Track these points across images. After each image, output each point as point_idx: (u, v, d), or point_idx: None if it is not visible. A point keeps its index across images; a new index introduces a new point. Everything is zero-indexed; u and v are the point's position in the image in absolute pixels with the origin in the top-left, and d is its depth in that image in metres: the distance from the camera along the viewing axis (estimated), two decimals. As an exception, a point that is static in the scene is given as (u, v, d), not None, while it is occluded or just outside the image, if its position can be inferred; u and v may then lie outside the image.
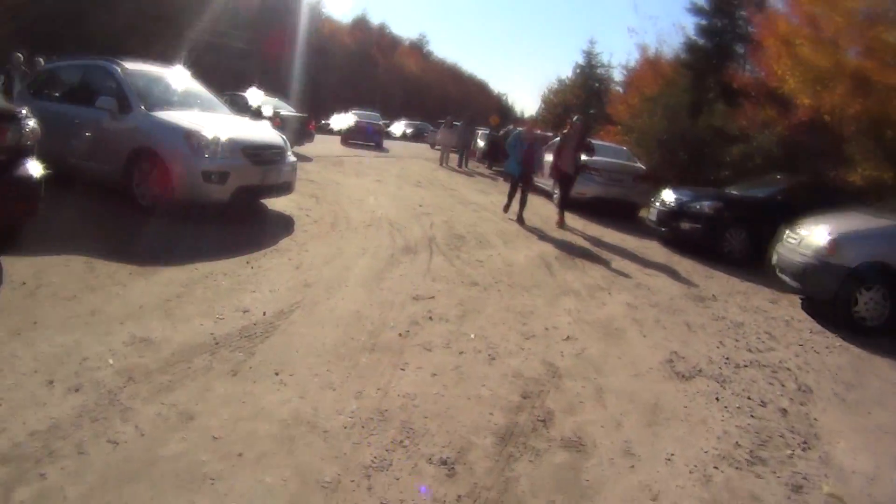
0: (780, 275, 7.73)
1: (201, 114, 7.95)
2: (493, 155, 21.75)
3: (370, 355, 4.11)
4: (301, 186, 10.36)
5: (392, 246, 7.33)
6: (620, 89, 29.22)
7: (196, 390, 3.36)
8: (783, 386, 4.77)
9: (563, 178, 11.37)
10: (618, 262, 8.52)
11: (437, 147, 28.78)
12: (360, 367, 3.92)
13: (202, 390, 3.37)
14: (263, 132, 8.23)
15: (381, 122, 29.36)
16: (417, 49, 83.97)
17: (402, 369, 3.98)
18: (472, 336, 4.74)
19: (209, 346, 3.90)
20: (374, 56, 69.42)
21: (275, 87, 41.14)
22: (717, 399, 4.32)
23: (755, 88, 15.67)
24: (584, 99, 31.95)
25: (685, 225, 10.35)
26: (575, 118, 12.20)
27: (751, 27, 17.95)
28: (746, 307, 7.20)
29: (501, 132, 22.21)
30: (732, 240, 10.09)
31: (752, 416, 4.12)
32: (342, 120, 29.10)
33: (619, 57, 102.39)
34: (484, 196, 13.57)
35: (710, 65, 18.06)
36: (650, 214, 11.24)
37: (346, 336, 4.37)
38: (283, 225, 7.66)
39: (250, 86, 18.61)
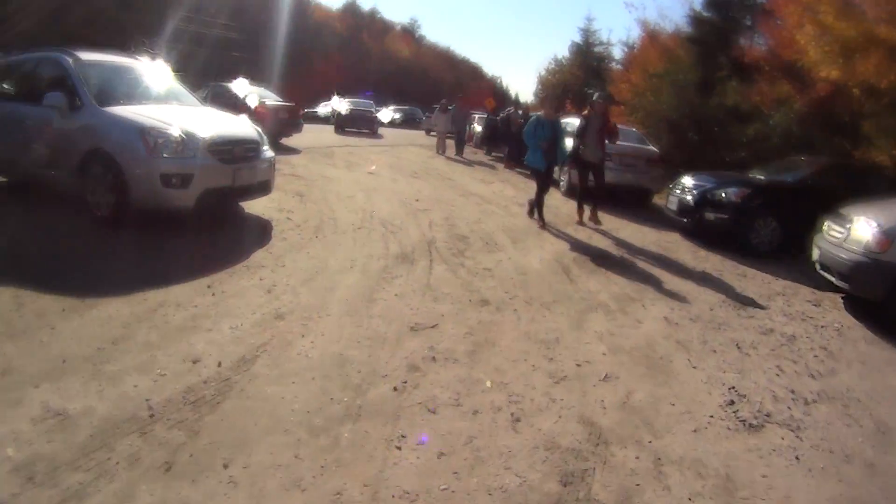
0: (822, 272, 6.84)
1: (164, 107, 6.93)
2: (492, 140, 20.57)
3: (355, 426, 3.08)
4: (285, 183, 9.33)
5: (385, 254, 6.28)
6: (620, 67, 28.14)
7: (112, 500, 2.33)
8: (860, 426, 3.86)
9: (587, 167, 9.73)
10: (642, 263, 7.47)
11: (432, 133, 27.77)
12: (341, 448, 2.89)
13: (120, 500, 2.35)
14: (235, 126, 7.13)
15: (373, 110, 28.13)
16: (409, 34, 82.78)
17: (399, 447, 2.95)
18: (488, 384, 3.70)
19: (141, 422, 2.91)
20: (366, 41, 68.06)
21: (264, 75, 40.93)
22: (796, 458, 3.36)
23: (768, 62, 14.52)
24: (582, 78, 30.66)
25: (710, 215, 9.32)
26: (595, 96, 10.43)
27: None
28: (791, 313, 6.23)
29: (500, 115, 21.02)
30: (761, 230, 9.12)
31: (839, 479, 3.22)
32: (334, 106, 28.09)
33: (618, 33, 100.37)
34: (485, 186, 12.48)
35: (717, 39, 16.89)
36: (669, 203, 10.16)
37: (323, 395, 3.33)
38: (260, 232, 6.60)
39: (237, 75, 17.58)
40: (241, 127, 7.16)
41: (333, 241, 6.56)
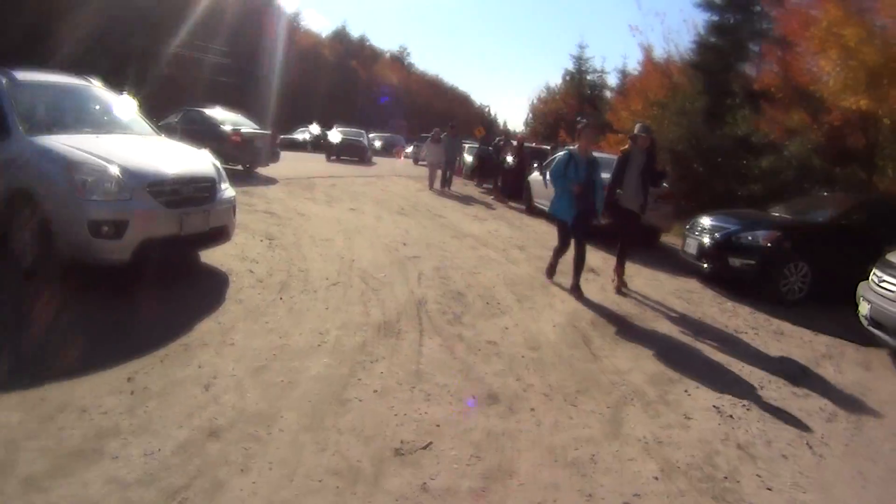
0: (874, 330, 5.90)
1: (107, 138, 5.84)
2: (482, 171, 19.46)
3: None
4: (255, 221, 8.18)
5: (365, 322, 5.07)
6: (614, 95, 27.40)
7: None
8: None
9: (625, 217, 7.78)
10: (668, 324, 6.34)
11: (421, 163, 26.73)
12: None
13: None
14: (187, 161, 5.93)
15: (363, 139, 27.13)
16: (398, 61, 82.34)
17: None
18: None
19: None
20: (354, 69, 67.38)
21: (251, 101, 40.26)
22: None
23: (780, 90, 13.55)
24: (575, 107, 29.80)
25: (735, 261, 8.25)
26: (637, 127, 8.09)
27: (766, 23, 15.95)
28: (846, 384, 5.25)
29: (492, 144, 19.96)
30: (791, 277, 8.07)
31: None
32: (312, 132, 27.34)
33: (613, 61, 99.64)
34: (479, 224, 11.32)
35: (724, 65, 15.97)
36: (687, 247, 9.05)
37: None
38: (212, 292, 5.37)
39: (220, 100, 16.55)
40: (195, 162, 5.97)
41: (301, 303, 5.34)
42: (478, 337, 5.04)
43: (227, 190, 6.04)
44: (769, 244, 8.09)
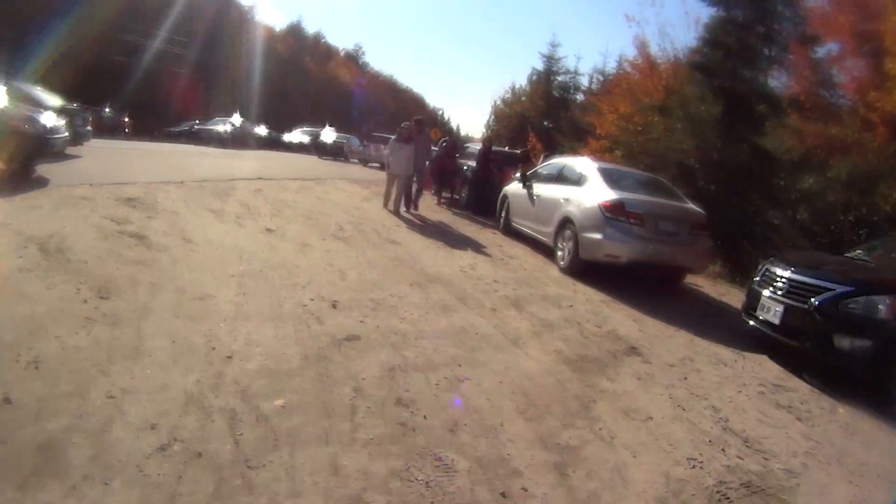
0: None
1: None
2: (441, 178, 15.77)
3: None
4: (105, 255, 4.70)
5: None
6: (588, 97, 24.44)
7: None
8: None
9: None
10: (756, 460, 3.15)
11: (371, 164, 23.28)
12: None
13: None
14: None
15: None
16: (353, 60, 78.29)
17: None
18: None
19: None
20: (307, 65, 63.16)
21: (202, 90, 36.80)
22: None
23: (811, 99, 10.65)
24: (544, 109, 26.64)
25: (845, 341, 5.20)
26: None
27: (787, 22, 13.12)
28: None
29: (437, 142, 16.46)
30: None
31: None
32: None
33: (587, 62, 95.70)
34: (448, 257, 7.97)
35: (733, 67, 13.03)
36: (762, 309, 5.97)
37: None
38: None
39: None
40: None
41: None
42: None
43: None
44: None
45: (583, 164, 9.11)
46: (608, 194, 7.90)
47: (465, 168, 14.58)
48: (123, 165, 12.51)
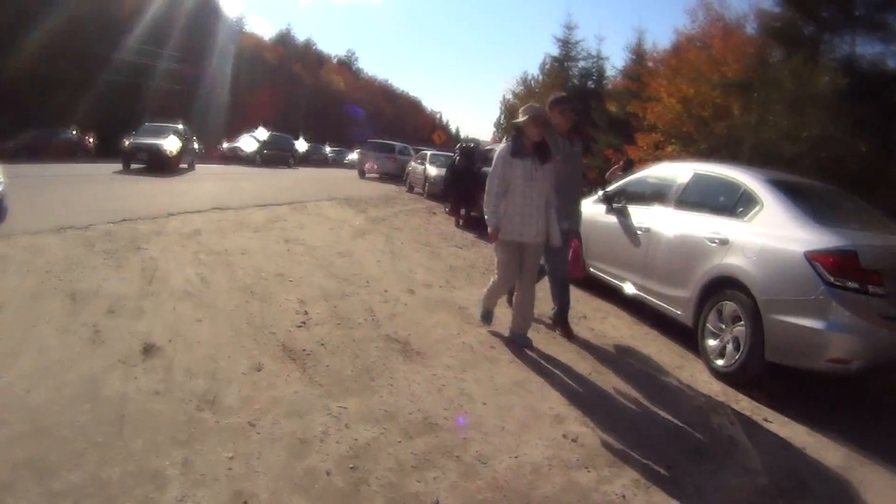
0: None
1: None
2: (459, 190, 11.82)
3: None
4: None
5: None
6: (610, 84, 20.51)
7: None
8: None
9: None
10: None
11: (369, 175, 19.47)
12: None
13: None
14: None
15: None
16: (345, 66, 74.73)
17: None
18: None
19: None
20: (298, 73, 59.19)
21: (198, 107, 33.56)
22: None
23: None
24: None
25: None
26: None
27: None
28: None
29: (464, 148, 12.57)
30: None
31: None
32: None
33: (613, 43, 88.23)
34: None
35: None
36: None
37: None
38: None
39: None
40: None
41: None
42: None
43: None
44: None
45: (735, 177, 5.04)
46: (821, 236, 4.00)
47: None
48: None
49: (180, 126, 17.66)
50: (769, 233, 4.28)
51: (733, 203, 4.80)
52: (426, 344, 4.13)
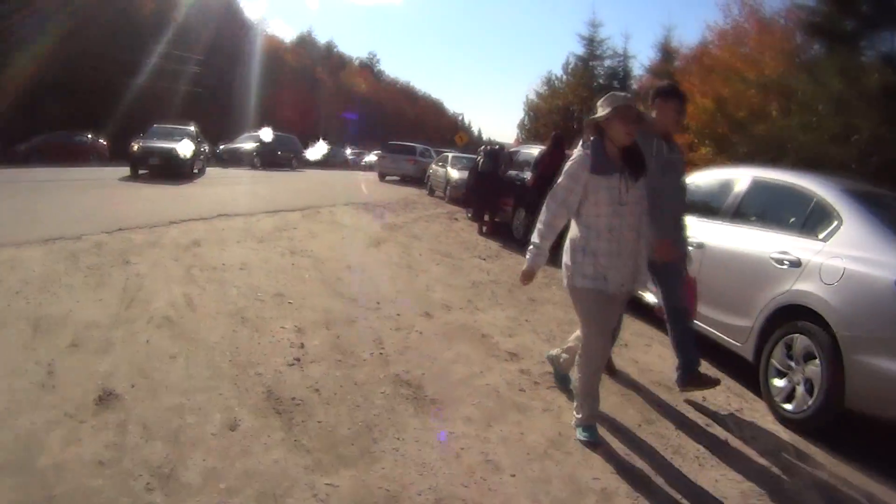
0: None
1: None
2: (484, 196, 11.13)
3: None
4: None
5: None
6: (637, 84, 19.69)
7: None
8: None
9: None
10: None
11: (389, 178, 18.91)
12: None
13: None
14: None
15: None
16: (367, 68, 74.45)
17: None
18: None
19: None
20: (320, 75, 58.92)
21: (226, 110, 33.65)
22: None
23: None
24: (588, 100, 21.66)
25: None
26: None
27: None
28: None
29: (490, 149, 11.80)
30: None
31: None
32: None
33: (641, 41, 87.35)
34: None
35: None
36: None
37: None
38: None
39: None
40: None
41: None
42: None
43: None
44: None
45: (804, 185, 4.24)
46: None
47: (519, 182, 9.96)
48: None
49: (192, 128, 16.94)
50: (851, 255, 3.55)
51: (804, 217, 4.06)
52: (443, 388, 3.46)
